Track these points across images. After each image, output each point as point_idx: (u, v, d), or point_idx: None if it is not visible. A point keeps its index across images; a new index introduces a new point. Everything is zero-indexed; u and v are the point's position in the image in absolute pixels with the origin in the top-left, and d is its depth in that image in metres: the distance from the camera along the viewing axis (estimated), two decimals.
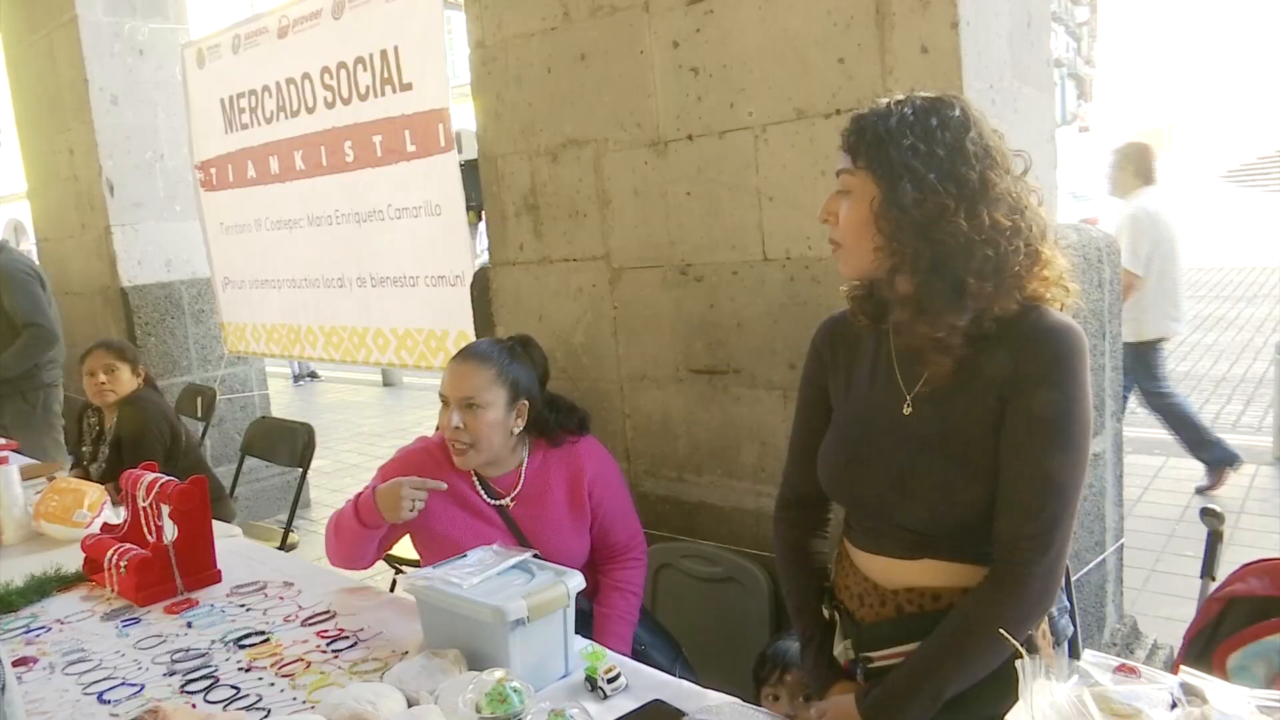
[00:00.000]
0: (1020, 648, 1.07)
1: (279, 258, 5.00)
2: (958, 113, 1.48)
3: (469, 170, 3.78)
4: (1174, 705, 1.12)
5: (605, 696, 1.69)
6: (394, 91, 4.04)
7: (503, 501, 2.30)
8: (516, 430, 2.27)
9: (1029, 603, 1.46)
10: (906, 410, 1.56)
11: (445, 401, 2.26)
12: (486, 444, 2.21)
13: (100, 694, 1.86)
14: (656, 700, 1.66)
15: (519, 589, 1.73)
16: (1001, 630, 1.31)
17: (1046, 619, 1.59)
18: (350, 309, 4.65)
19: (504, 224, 3.43)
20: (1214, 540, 2.23)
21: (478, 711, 1.41)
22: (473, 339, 3.78)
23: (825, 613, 1.72)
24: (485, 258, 3.68)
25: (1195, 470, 5.37)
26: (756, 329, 2.76)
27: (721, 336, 2.85)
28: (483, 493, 2.30)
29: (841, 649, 1.68)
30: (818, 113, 2.53)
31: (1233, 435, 6.17)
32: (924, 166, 1.44)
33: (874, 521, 1.61)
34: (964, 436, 1.50)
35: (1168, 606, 3.96)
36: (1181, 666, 1.20)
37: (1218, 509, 2.23)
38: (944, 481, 1.50)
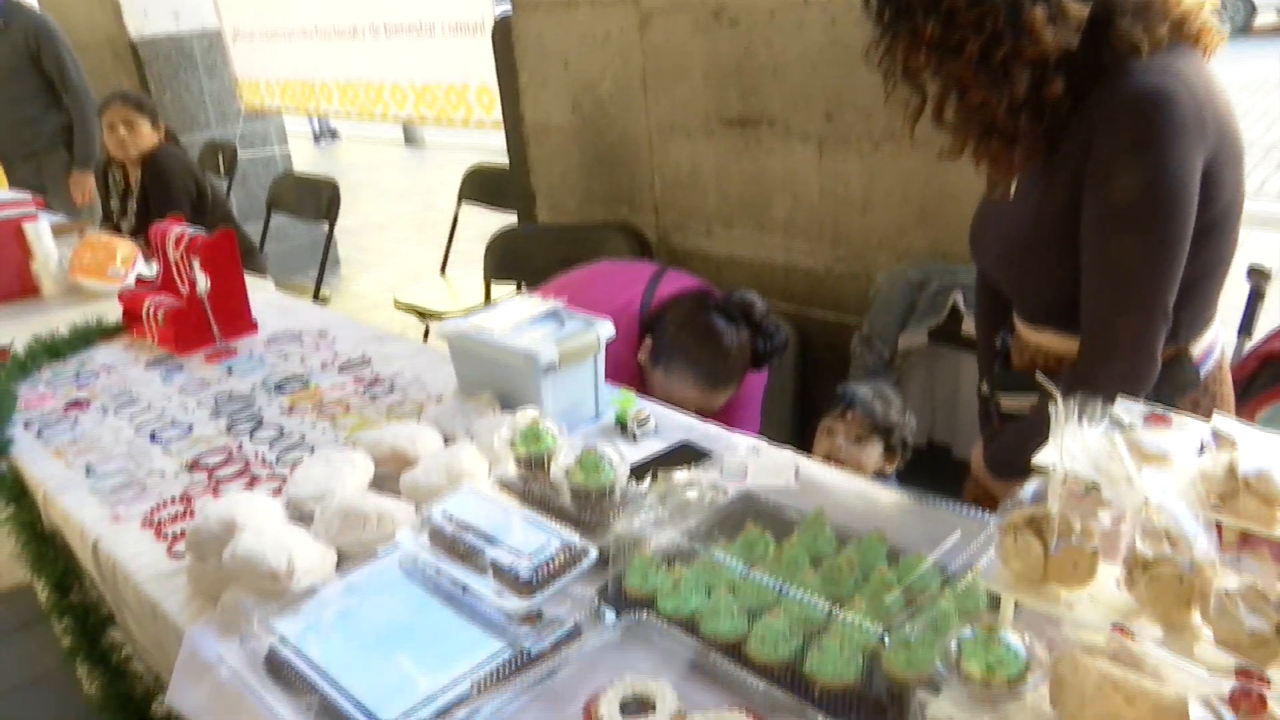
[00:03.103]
0: (1055, 392, 1.06)
1: (288, 5, 4.75)
2: None
3: None
4: (1202, 451, 1.12)
5: (635, 438, 1.74)
6: None
7: None
8: None
9: (1110, 388, 1.41)
10: (1012, 193, 1.51)
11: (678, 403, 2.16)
12: None
13: (153, 433, 1.94)
14: (684, 442, 1.71)
15: (550, 335, 1.74)
16: (1039, 375, 1.30)
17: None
18: (366, 62, 4.46)
19: None
20: (1256, 298, 2.19)
21: (512, 448, 1.45)
22: (495, 92, 3.63)
23: (997, 342, 1.73)
24: None
25: None
26: (793, 76, 2.61)
27: (756, 84, 2.70)
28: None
29: (983, 386, 1.72)
30: None
31: (1255, 201, 5.96)
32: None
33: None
34: (1050, 220, 1.43)
35: None
36: (1215, 414, 1.19)
37: (1265, 267, 2.17)
38: (1035, 266, 1.48)
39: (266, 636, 1.22)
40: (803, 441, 2.05)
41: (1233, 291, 2.16)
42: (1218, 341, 1.57)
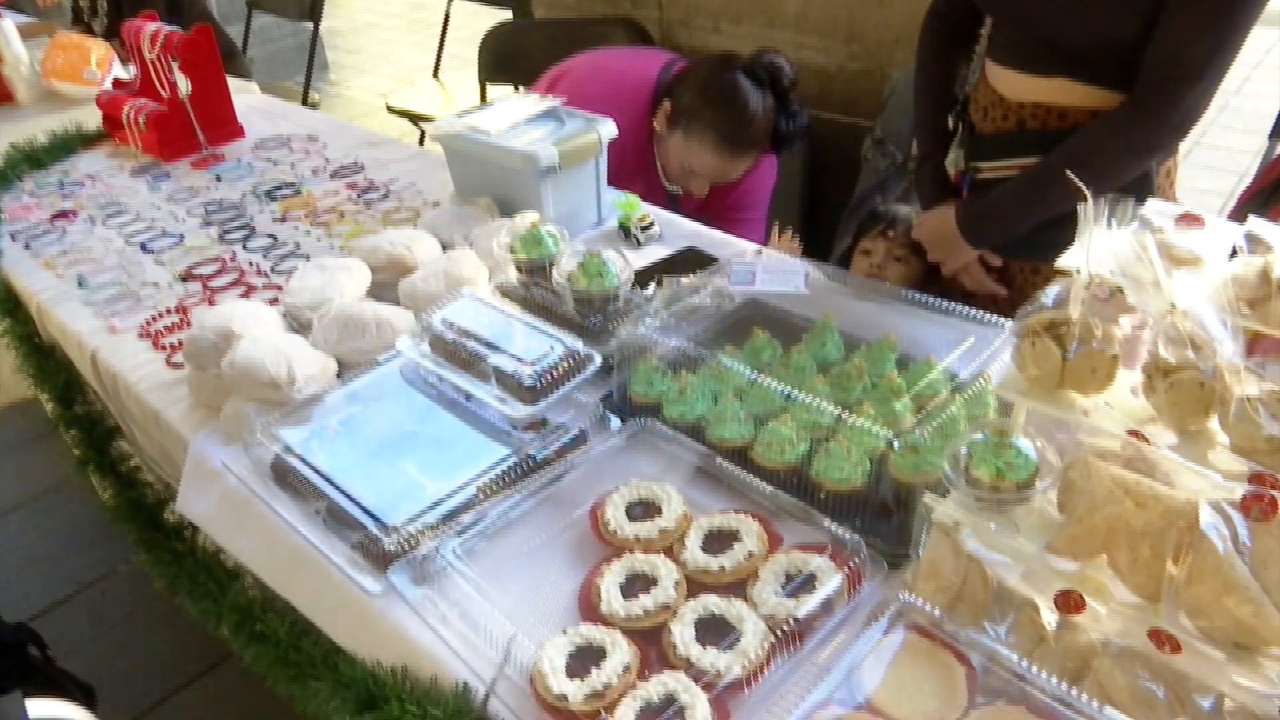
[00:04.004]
0: (1085, 190, 1.00)
1: None
2: None
3: None
4: (1233, 254, 1.07)
5: (639, 244, 1.69)
6: None
7: (674, 189, 2.17)
8: None
9: (1160, 136, 1.43)
10: None
11: (694, 171, 2.05)
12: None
13: (143, 243, 1.89)
14: (690, 247, 1.66)
15: (550, 136, 1.65)
16: (1069, 174, 1.23)
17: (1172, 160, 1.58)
18: None
19: None
20: None
21: (512, 253, 1.41)
22: None
23: (950, 122, 1.69)
24: None
25: (1263, 41, 4.96)
26: None
27: None
28: (662, 177, 2.16)
29: (954, 158, 1.67)
30: None
31: None
32: None
33: (1019, 34, 1.54)
34: None
35: (1206, 179, 3.87)
36: (1251, 216, 1.13)
37: None
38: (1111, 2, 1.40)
39: (271, 445, 1.22)
40: (810, 249, 1.99)
41: (1265, 97, 2.05)
42: None
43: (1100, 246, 1.02)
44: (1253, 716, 0.79)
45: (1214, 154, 4.10)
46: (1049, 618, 0.91)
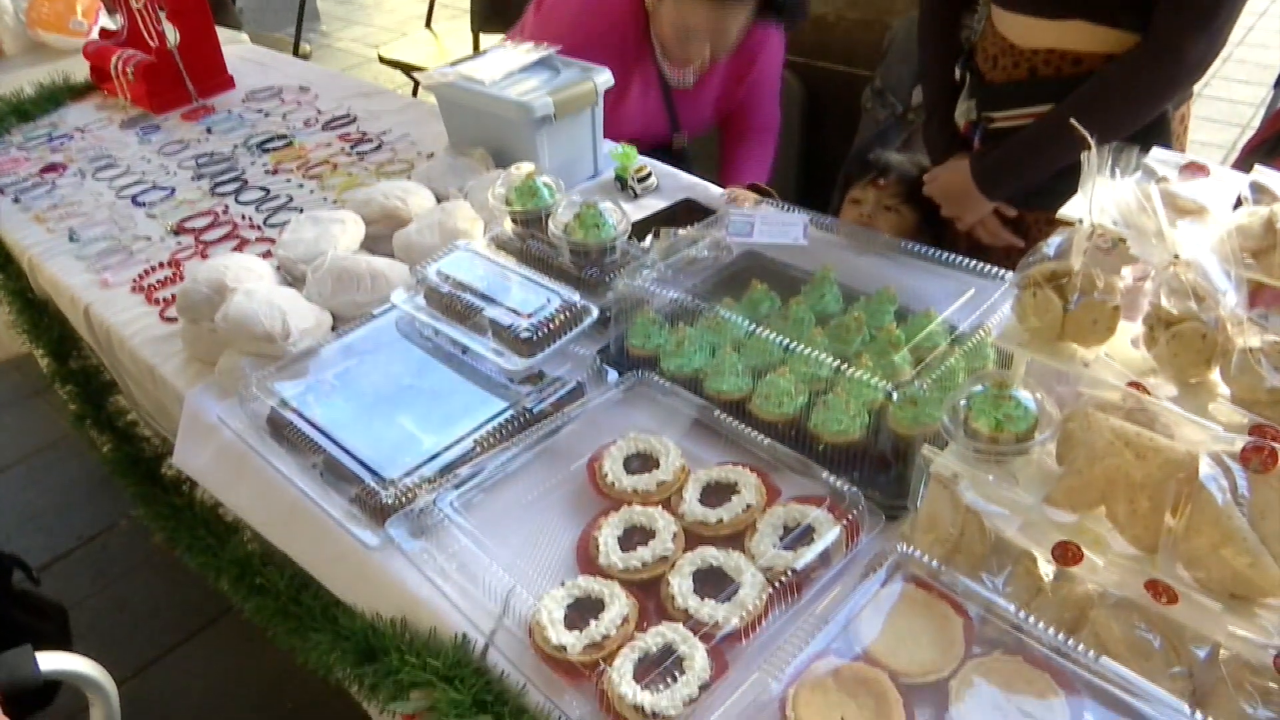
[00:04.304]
0: (1089, 139, 0.98)
1: None
2: None
3: None
4: (1238, 204, 1.05)
5: (636, 195, 1.67)
6: None
7: (681, 84, 2.10)
8: None
9: (1177, 76, 1.41)
10: None
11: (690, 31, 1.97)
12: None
13: (134, 197, 1.87)
14: (687, 199, 1.64)
15: (544, 85, 1.62)
16: (1074, 123, 1.21)
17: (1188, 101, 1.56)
18: None
19: None
20: None
21: (507, 205, 1.39)
22: None
23: (957, 73, 1.66)
24: None
25: None
26: None
27: None
28: (663, 66, 2.08)
29: (964, 109, 1.65)
30: None
31: None
32: None
33: None
34: None
35: (1208, 131, 3.82)
36: (1256, 165, 1.12)
37: None
38: None
39: (267, 398, 1.21)
40: (808, 201, 1.97)
41: (1268, 48, 2.01)
42: None
43: (1103, 196, 1.00)
44: (1248, 666, 0.79)
45: (1216, 106, 4.05)
46: (1046, 569, 0.91)
